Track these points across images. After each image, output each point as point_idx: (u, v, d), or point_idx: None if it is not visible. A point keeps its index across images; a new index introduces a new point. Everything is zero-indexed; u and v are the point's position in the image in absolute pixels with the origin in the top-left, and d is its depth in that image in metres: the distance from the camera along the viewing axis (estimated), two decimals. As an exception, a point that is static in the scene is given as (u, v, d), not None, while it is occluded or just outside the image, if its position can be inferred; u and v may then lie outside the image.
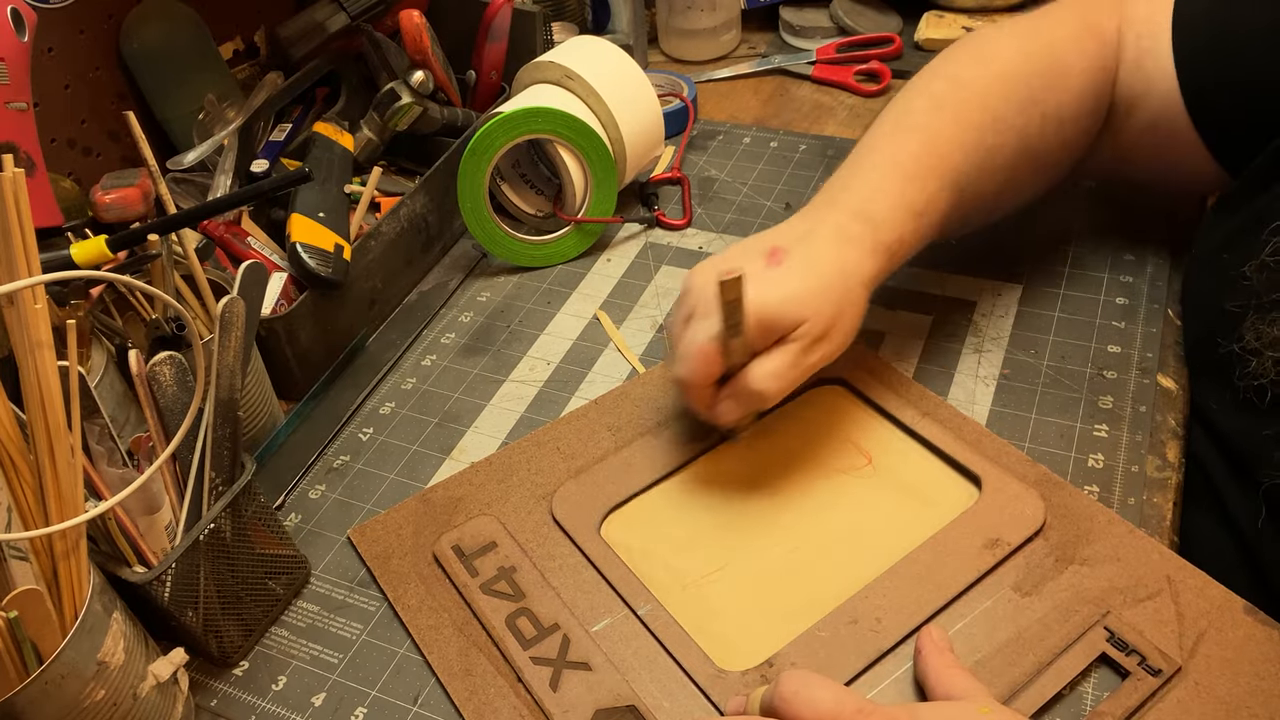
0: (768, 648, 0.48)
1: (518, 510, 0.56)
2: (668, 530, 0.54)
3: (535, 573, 0.52)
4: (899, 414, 0.58)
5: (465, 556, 0.53)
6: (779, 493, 0.56)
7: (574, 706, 0.46)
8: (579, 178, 0.74)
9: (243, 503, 0.50)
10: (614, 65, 0.76)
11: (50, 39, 0.68)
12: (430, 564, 0.54)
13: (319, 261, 0.65)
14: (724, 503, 0.56)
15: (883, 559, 0.51)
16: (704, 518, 0.55)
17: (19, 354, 0.42)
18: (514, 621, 0.50)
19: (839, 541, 0.53)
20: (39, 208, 0.55)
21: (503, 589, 0.51)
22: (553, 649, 0.49)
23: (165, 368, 0.49)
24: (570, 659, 0.48)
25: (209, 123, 0.77)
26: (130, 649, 0.45)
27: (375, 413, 0.66)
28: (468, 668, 0.49)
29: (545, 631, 0.49)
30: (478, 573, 0.52)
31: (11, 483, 0.42)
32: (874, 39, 0.96)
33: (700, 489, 0.56)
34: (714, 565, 0.52)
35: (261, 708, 0.51)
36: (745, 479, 0.57)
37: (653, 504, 0.56)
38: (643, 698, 0.46)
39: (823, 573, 0.51)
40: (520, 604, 0.51)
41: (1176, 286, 0.67)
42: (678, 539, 0.54)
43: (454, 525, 0.55)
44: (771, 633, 0.48)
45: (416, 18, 0.77)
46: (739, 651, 0.48)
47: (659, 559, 0.53)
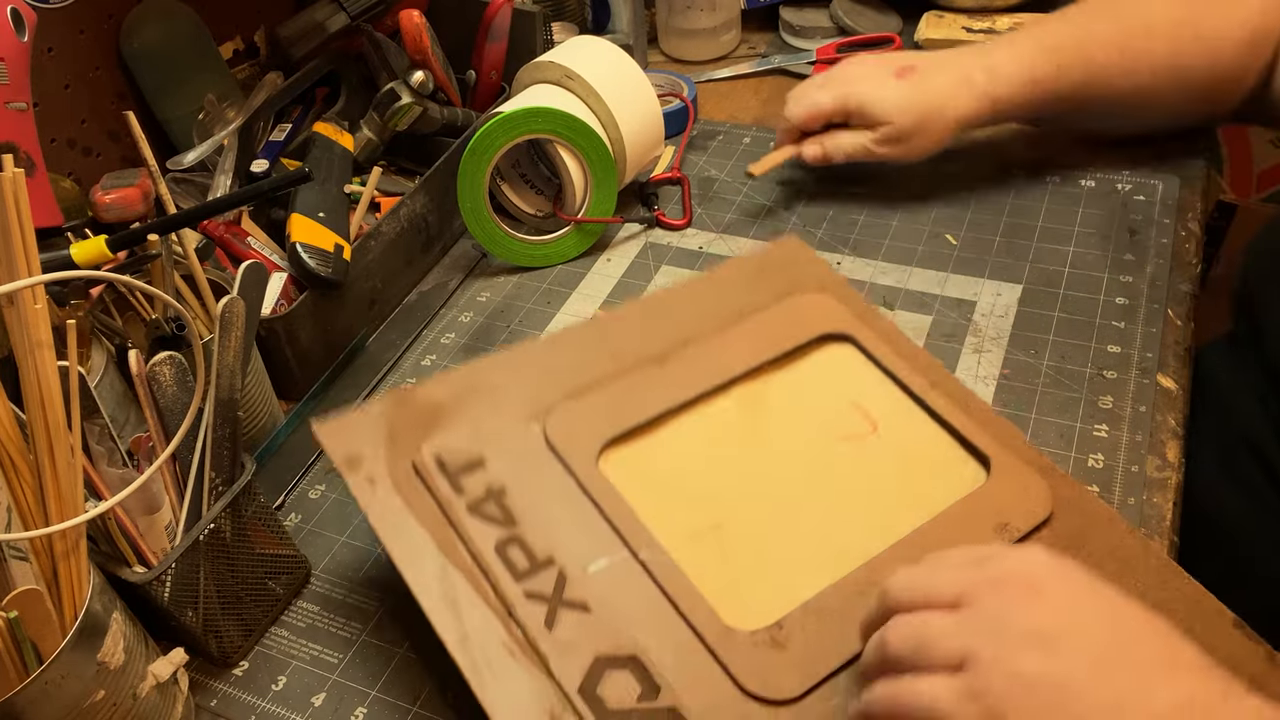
0: (775, 609, 0.45)
1: (508, 428, 0.50)
2: (668, 475, 0.51)
3: (528, 498, 0.47)
4: (908, 381, 0.55)
5: (449, 471, 0.48)
6: (780, 452, 0.53)
7: (571, 649, 0.42)
8: (579, 178, 0.74)
9: (243, 503, 0.50)
10: (614, 65, 0.76)
11: (50, 39, 0.68)
12: (409, 475, 0.48)
13: (319, 261, 0.65)
14: (725, 455, 0.52)
15: (888, 532, 0.49)
16: (705, 468, 0.52)
17: (19, 354, 0.42)
18: (504, 549, 0.45)
19: (842, 510, 0.50)
20: (39, 208, 0.55)
21: (492, 512, 0.46)
22: (547, 585, 0.44)
23: (165, 368, 0.49)
24: (567, 598, 0.44)
25: (209, 123, 0.77)
26: (130, 649, 0.45)
27: (375, 413, 0.66)
28: (452, 596, 0.44)
29: (539, 565, 0.45)
30: (464, 490, 0.47)
31: (11, 483, 0.42)
32: (874, 39, 0.96)
33: (702, 436, 0.53)
34: (715, 519, 0.49)
35: (261, 708, 0.51)
36: (747, 432, 0.53)
37: (653, 444, 0.52)
38: (645, 649, 0.43)
39: (827, 539, 0.49)
40: (512, 531, 0.46)
41: (1177, 287, 0.67)
42: (678, 486, 0.50)
43: (436, 434, 0.49)
44: (778, 594, 0.46)
45: (416, 18, 0.77)
46: (746, 610, 0.45)
47: (660, 503, 0.49)
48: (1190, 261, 0.69)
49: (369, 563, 0.57)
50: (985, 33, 0.93)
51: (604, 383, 0.53)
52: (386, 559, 0.45)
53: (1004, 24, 0.94)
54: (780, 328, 0.57)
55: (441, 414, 0.50)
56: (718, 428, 0.53)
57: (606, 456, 0.50)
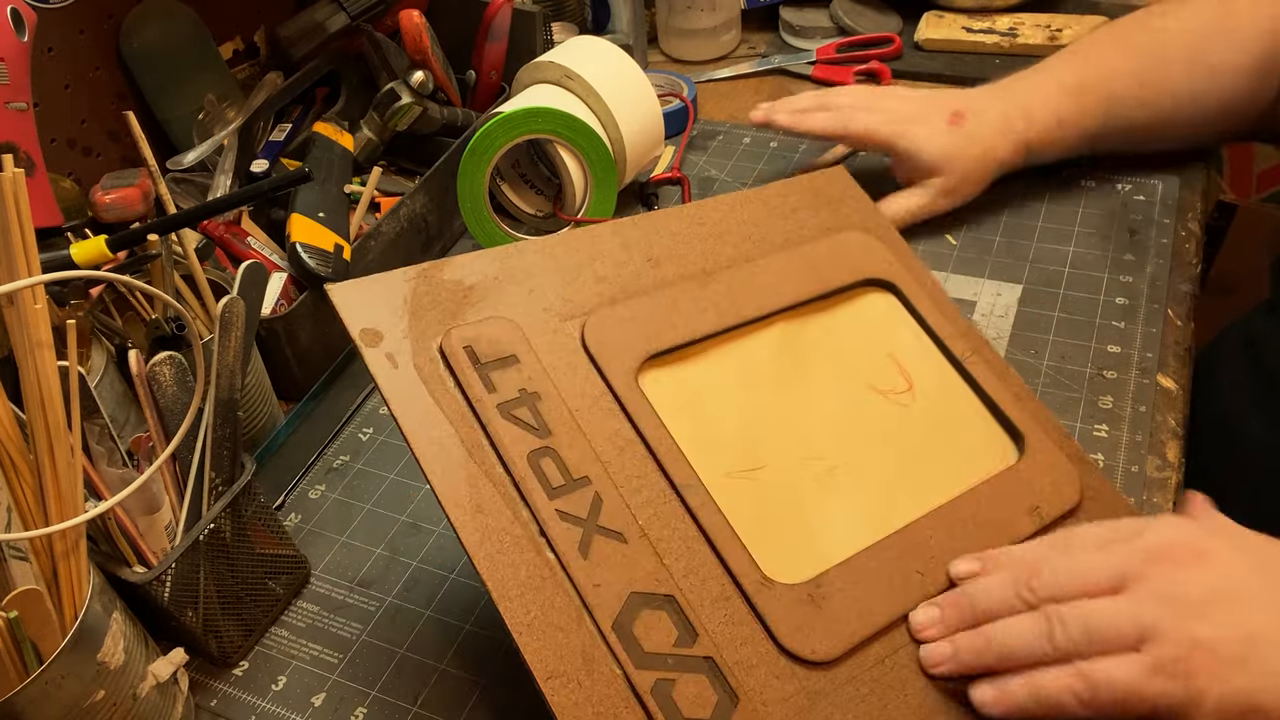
0: (811, 565, 0.43)
1: (542, 325, 0.45)
2: (705, 407, 0.47)
3: (564, 408, 0.43)
4: (949, 343, 0.52)
5: (481, 364, 0.43)
6: (815, 398, 0.49)
7: (606, 581, 0.39)
8: (579, 178, 0.74)
9: (243, 503, 0.50)
10: (614, 65, 0.76)
11: (50, 39, 0.68)
12: (434, 360, 0.43)
13: (319, 261, 0.65)
14: (761, 393, 0.49)
15: (921, 499, 0.47)
16: (741, 405, 0.48)
17: (19, 354, 0.42)
18: (538, 461, 0.41)
19: (875, 468, 0.48)
20: (39, 208, 0.55)
21: (525, 417, 0.42)
22: (582, 506, 0.40)
23: (165, 368, 0.49)
24: (602, 524, 0.40)
25: (209, 123, 0.77)
26: (130, 649, 0.45)
27: (375, 413, 0.66)
28: (479, 503, 0.40)
29: (574, 483, 0.41)
30: (495, 388, 0.42)
31: (11, 483, 0.42)
32: (874, 39, 0.96)
33: (740, 370, 0.49)
34: (752, 461, 0.46)
35: (261, 708, 0.51)
36: (784, 371, 0.50)
37: (692, 370, 0.48)
38: (682, 589, 0.40)
39: (860, 498, 0.47)
40: (545, 441, 0.42)
41: (1177, 287, 0.67)
42: (715, 421, 0.47)
43: (464, 319, 0.45)
44: (813, 550, 0.43)
45: (416, 18, 0.77)
46: (780, 563, 0.42)
47: (697, 435, 0.45)
48: (1190, 261, 0.69)
49: (369, 563, 0.57)
50: (985, 33, 0.93)
51: (643, 292, 0.48)
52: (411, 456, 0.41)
53: (1004, 24, 0.94)
54: (824, 265, 0.53)
55: (471, 297, 0.45)
56: (755, 362, 0.49)
57: (645, 374, 0.46)
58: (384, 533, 0.58)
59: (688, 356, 0.48)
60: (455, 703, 0.50)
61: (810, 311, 0.52)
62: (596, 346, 0.45)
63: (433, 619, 0.54)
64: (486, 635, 0.52)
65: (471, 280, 0.46)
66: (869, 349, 0.52)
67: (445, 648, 0.52)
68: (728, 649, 0.39)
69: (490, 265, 0.47)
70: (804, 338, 0.51)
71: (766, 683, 0.39)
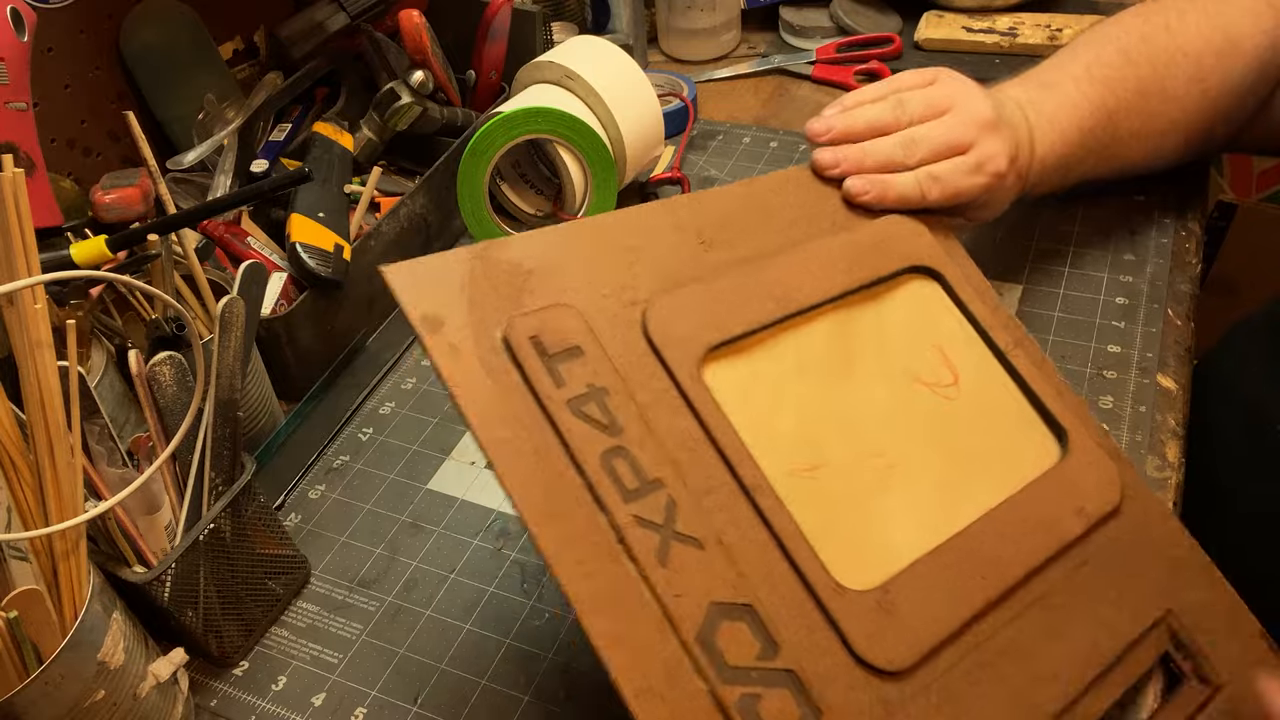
0: (878, 571, 0.41)
1: (604, 312, 0.43)
2: (765, 400, 0.45)
3: (632, 404, 0.41)
4: (993, 334, 0.50)
5: (548, 356, 0.40)
6: (866, 391, 0.48)
7: (686, 591, 0.37)
8: (579, 178, 0.74)
9: (243, 503, 0.50)
10: (614, 65, 0.76)
11: (50, 39, 0.68)
12: (498, 351, 0.40)
13: (319, 261, 0.65)
14: (816, 386, 0.47)
15: (971, 499, 0.45)
16: (798, 398, 0.46)
17: (19, 354, 0.42)
18: (611, 462, 0.39)
19: (927, 466, 0.46)
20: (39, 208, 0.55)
21: (594, 414, 0.40)
22: (658, 511, 0.38)
23: (165, 368, 0.49)
24: (679, 530, 0.38)
25: (209, 123, 0.77)
26: (130, 649, 0.45)
27: (375, 413, 0.66)
28: (554, 509, 0.38)
29: (648, 486, 0.39)
30: (564, 382, 0.40)
31: (11, 483, 0.42)
32: (874, 39, 0.96)
33: (795, 361, 0.47)
34: (811, 459, 0.44)
35: (261, 708, 0.51)
36: (836, 363, 0.48)
37: (751, 362, 0.46)
38: (759, 599, 0.38)
39: (915, 498, 0.45)
40: (618, 439, 0.39)
41: (1177, 287, 0.67)
42: (775, 415, 0.45)
43: (525, 306, 0.42)
44: (880, 554, 0.42)
45: (416, 18, 0.77)
46: (851, 566, 0.41)
47: (760, 432, 0.43)
48: (1190, 261, 0.69)
49: (369, 563, 0.57)
50: (985, 32, 0.93)
51: (698, 278, 0.46)
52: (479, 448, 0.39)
53: (1004, 24, 0.94)
54: (872, 251, 0.51)
55: (530, 281, 0.43)
56: (810, 354, 0.47)
57: (707, 366, 0.44)
58: (384, 533, 0.58)
59: (746, 347, 0.46)
60: (455, 703, 0.50)
61: (859, 300, 0.50)
62: (660, 337, 0.43)
63: (433, 619, 0.54)
64: (486, 635, 0.52)
65: (530, 263, 0.43)
66: (915, 340, 0.50)
67: (445, 648, 0.52)
68: (808, 661, 0.38)
69: (548, 247, 0.44)
70: (854, 328, 0.50)
71: (846, 696, 0.38)
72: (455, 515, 0.59)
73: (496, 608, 0.54)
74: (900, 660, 0.39)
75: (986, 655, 0.41)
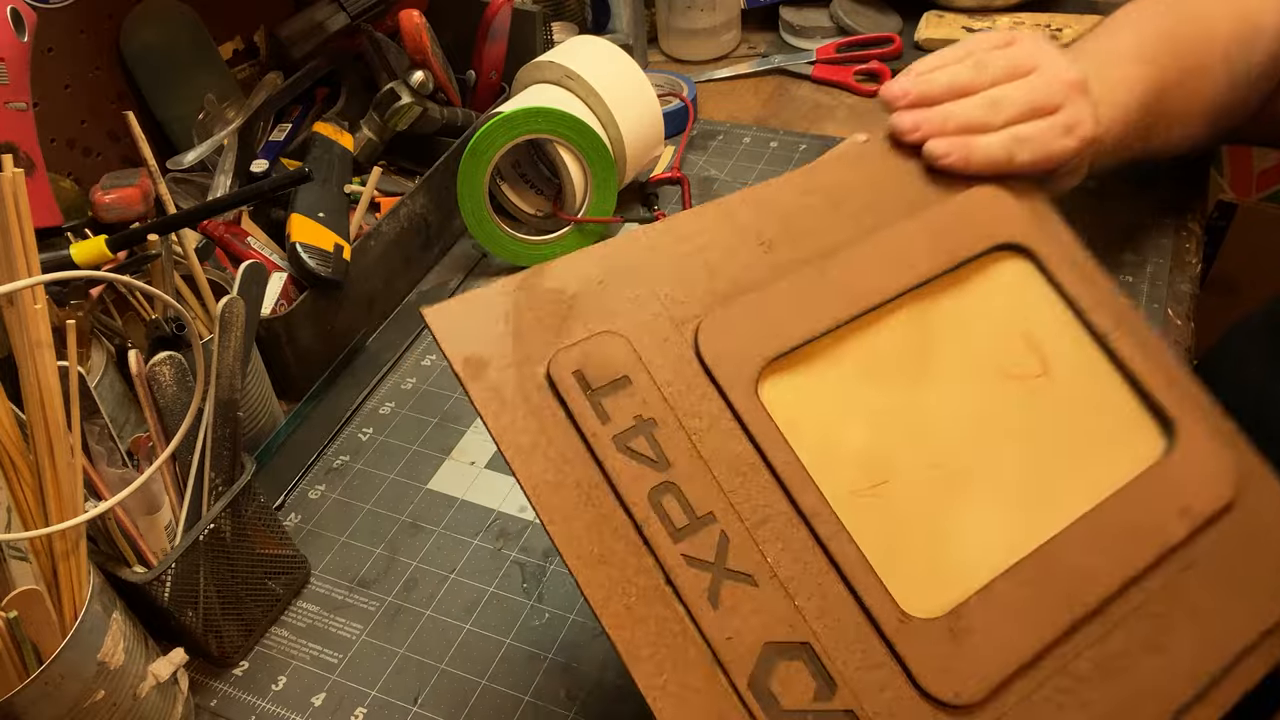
0: (950, 594, 0.39)
1: (653, 335, 0.41)
2: (828, 414, 0.42)
3: (682, 433, 0.39)
4: (1092, 316, 0.46)
5: (593, 391, 0.39)
6: (943, 391, 0.44)
7: (739, 633, 0.36)
8: (579, 178, 0.74)
9: (243, 503, 0.50)
10: (614, 65, 0.76)
11: (50, 39, 0.68)
12: (542, 389, 0.39)
13: (319, 261, 0.65)
14: (886, 392, 0.44)
15: (1061, 505, 0.42)
16: (866, 408, 0.43)
17: (19, 354, 0.42)
18: (659, 499, 0.38)
19: (1011, 471, 0.43)
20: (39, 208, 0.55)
21: (642, 449, 0.38)
22: (709, 548, 0.37)
23: (165, 368, 0.49)
24: (731, 566, 0.37)
25: (209, 123, 0.77)
26: (130, 649, 0.45)
27: (375, 413, 0.66)
28: (601, 553, 0.37)
29: (698, 521, 0.37)
30: (609, 418, 0.39)
31: (11, 483, 0.42)
32: (874, 39, 0.96)
33: (863, 365, 0.44)
34: (878, 474, 0.41)
35: (261, 708, 0.51)
36: (909, 363, 0.44)
37: (813, 372, 0.43)
38: (817, 635, 0.37)
39: (996, 508, 0.42)
40: (665, 475, 0.38)
41: (1177, 286, 0.67)
42: (839, 430, 0.42)
43: (569, 336, 0.40)
44: (950, 576, 0.39)
45: (416, 18, 0.77)
46: (917, 592, 0.38)
47: (821, 450, 0.41)
48: (1190, 261, 0.69)
49: (369, 563, 0.57)
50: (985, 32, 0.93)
51: (758, 285, 0.43)
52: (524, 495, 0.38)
53: (1004, 23, 0.94)
54: (952, 231, 0.47)
55: (575, 308, 0.41)
56: (879, 355, 0.44)
57: (764, 383, 0.41)
58: (384, 533, 0.58)
59: (808, 356, 0.43)
60: (455, 703, 0.50)
61: (937, 289, 0.46)
62: (712, 357, 0.41)
63: (433, 619, 0.54)
64: (486, 635, 0.52)
65: (573, 288, 0.42)
66: (1001, 328, 0.46)
67: (445, 648, 0.52)
68: (868, 698, 0.36)
69: (593, 266, 0.42)
70: (931, 320, 0.45)
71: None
72: (455, 515, 0.59)
73: (496, 608, 0.54)
74: (970, 693, 0.37)
75: (1069, 680, 0.38)
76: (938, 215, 0.47)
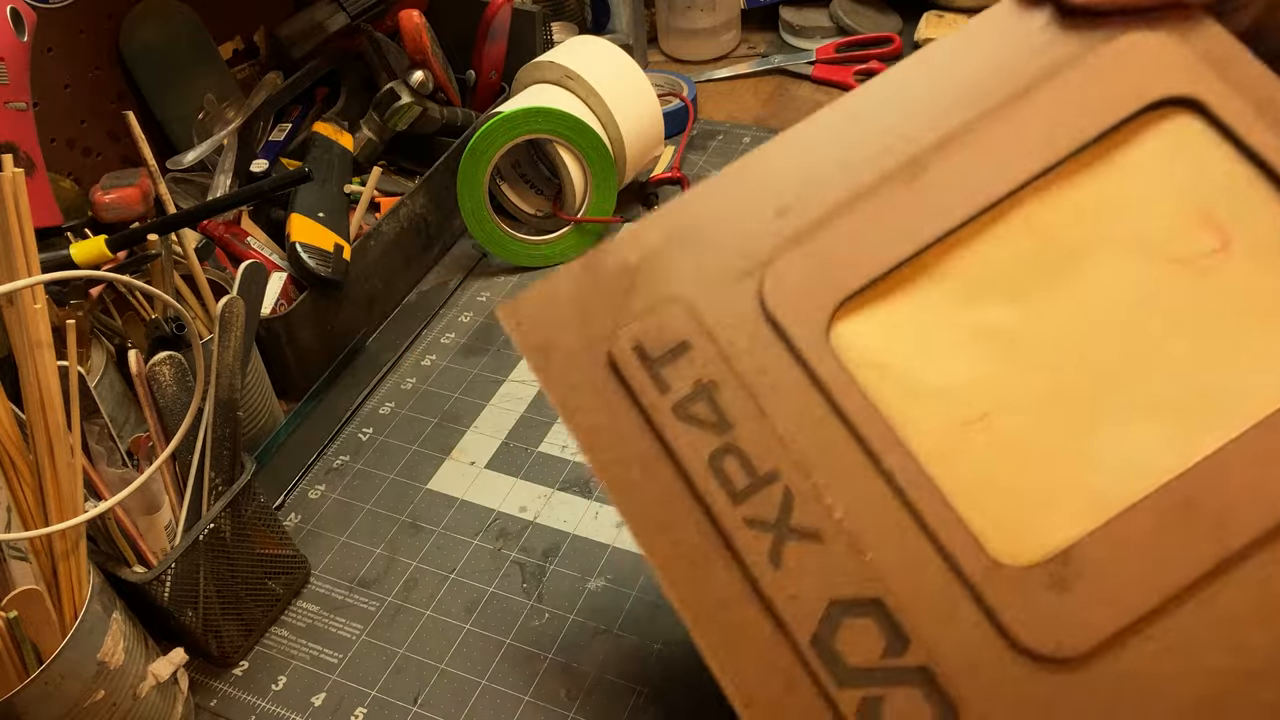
0: (1058, 534, 0.34)
1: (714, 294, 0.40)
2: (918, 347, 0.38)
3: (743, 392, 0.38)
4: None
5: (651, 362, 0.39)
6: (1077, 297, 0.38)
7: (801, 593, 0.35)
8: (579, 178, 0.74)
9: (243, 503, 0.50)
10: (614, 65, 0.76)
11: (50, 39, 0.68)
12: (604, 368, 0.39)
13: (319, 261, 0.65)
14: (998, 309, 0.38)
15: (1227, 415, 0.35)
16: (969, 333, 0.38)
17: (19, 354, 0.42)
18: (719, 462, 0.37)
19: (1165, 381, 0.36)
20: (39, 208, 0.55)
21: (702, 414, 0.38)
22: (770, 507, 0.36)
23: (165, 368, 0.49)
24: (794, 524, 0.36)
25: (209, 123, 0.77)
26: (130, 649, 0.45)
27: (375, 413, 0.66)
28: (663, 521, 0.37)
29: (760, 481, 0.37)
30: (669, 388, 0.38)
31: (11, 483, 0.42)
32: (874, 39, 0.96)
33: (968, 284, 0.39)
34: (981, 405, 0.37)
35: (261, 708, 0.51)
36: (1031, 269, 0.38)
37: (899, 303, 0.39)
38: (889, 589, 0.35)
39: (1136, 431, 0.35)
40: (726, 437, 0.37)
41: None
42: (932, 362, 0.38)
43: (632, 311, 0.40)
44: (1063, 514, 0.35)
45: (416, 18, 0.77)
46: (1018, 537, 0.35)
47: (907, 388, 0.37)
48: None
49: (369, 563, 0.57)
50: (985, 33, 0.92)
51: (834, 215, 0.40)
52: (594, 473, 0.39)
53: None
54: (1089, 96, 0.39)
55: (637, 279, 0.41)
56: (989, 268, 0.39)
57: (838, 326, 0.39)
58: (384, 533, 0.58)
59: (894, 285, 0.39)
60: (455, 703, 0.50)
61: (1071, 172, 0.39)
62: (777, 307, 0.38)
63: (433, 619, 0.54)
64: (486, 635, 0.52)
65: (635, 259, 0.41)
66: (1158, 204, 0.38)
67: (445, 648, 0.52)
68: (945, 653, 0.34)
69: (655, 232, 0.41)
70: (1059, 208, 0.39)
71: (993, 688, 0.33)
72: (455, 515, 0.59)
73: (496, 608, 0.54)
74: (1074, 645, 0.33)
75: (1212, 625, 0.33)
76: (1068, 80, 0.40)
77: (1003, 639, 0.34)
